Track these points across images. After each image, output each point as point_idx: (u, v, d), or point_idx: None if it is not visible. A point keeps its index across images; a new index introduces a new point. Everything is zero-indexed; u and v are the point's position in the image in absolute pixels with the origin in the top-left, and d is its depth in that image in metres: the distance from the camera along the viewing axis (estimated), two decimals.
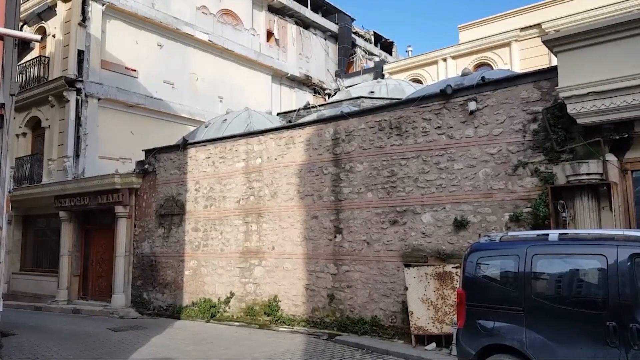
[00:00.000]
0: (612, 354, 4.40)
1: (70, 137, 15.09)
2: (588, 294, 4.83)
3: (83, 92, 15.23)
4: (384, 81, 15.92)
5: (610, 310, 4.49)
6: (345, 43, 24.19)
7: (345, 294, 9.59)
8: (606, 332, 4.44)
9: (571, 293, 4.94)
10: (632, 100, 6.36)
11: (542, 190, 7.46)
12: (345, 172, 9.87)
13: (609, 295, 4.53)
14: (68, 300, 14.39)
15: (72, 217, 14.74)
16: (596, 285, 4.74)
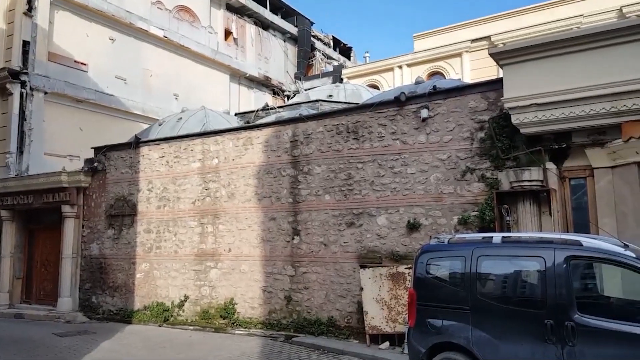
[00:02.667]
0: (549, 350, 4.75)
1: (14, 132, 14.36)
2: (528, 294, 5.19)
3: (28, 85, 14.54)
4: (342, 85, 16.19)
5: (548, 309, 4.84)
6: (305, 46, 24.37)
7: (303, 295, 9.71)
8: (544, 329, 4.78)
9: (513, 293, 5.29)
10: (570, 112, 6.86)
11: (488, 195, 7.88)
12: (304, 175, 9.99)
13: (547, 295, 4.89)
14: (9, 304, 13.68)
15: (15, 216, 14.04)
16: (535, 285, 5.09)
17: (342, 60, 26.53)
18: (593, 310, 4.84)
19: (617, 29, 6.78)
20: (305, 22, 24.95)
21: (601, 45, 6.75)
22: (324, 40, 26.38)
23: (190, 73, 19.48)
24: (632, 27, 6.61)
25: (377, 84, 19.90)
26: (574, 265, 4.95)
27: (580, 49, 6.87)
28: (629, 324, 4.59)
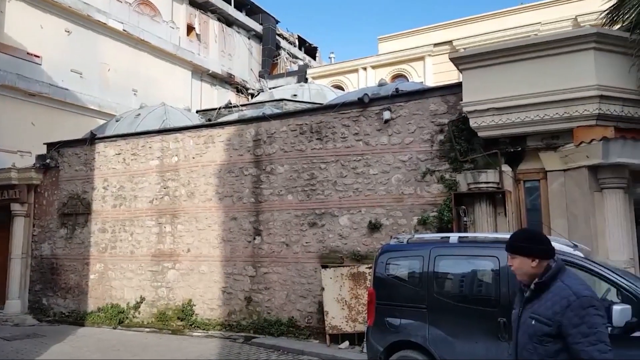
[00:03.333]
0: (502, 348, 4.86)
1: None
2: (483, 293, 5.31)
3: None
4: (306, 85, 16.17)
5: (501, 307, 4.96)
6: (270, 44, 24.21)
7: (263, 296, 9.63)
8: (497, 327, 4.90)
9: (468, 292, 5.41)
10: (525, 117, 7.09)
11: (447, 196, 8.05)
12: (266, 174, 9.91)
13: (500, 294, 5.02)
14: None
15: None
16: (490, 284, 5.22)
17: (307, 59, 26.53)
18: None
19: (568, 37, 7.06)
20: (271, 20, 24.79)
21: (555, 53, 7.00)
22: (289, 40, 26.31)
23: (150, 68, 18.97)
24: (583, 37, 6.89)
25: (342, 84, 20.02)
26: None
27: (535, 56, 7.11)
28: None
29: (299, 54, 26.49)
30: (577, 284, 2.70)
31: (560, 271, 2.75)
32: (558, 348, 2.64)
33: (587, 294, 2.64)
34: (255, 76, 23.65)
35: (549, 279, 2.73)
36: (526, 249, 2.78)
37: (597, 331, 2.55)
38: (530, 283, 2.80)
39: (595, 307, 2.60)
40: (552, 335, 2.65)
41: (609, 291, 4.89)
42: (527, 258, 2.77)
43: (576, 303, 2.60)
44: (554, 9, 16.95)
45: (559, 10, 16.76)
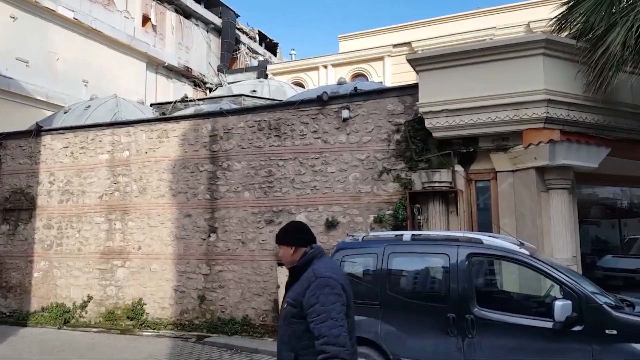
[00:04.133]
0: (451, 342, 5.01)
1: None
2: (433, 289, 5.45)
3: None
4: (266, 81, 16.03)
5: (451, 303, 5.10)
6: (229, 38, 23.80)
7: (217, 294, 9.48)
8: (447, 323, 5.03)
9: (419, 288, 5.53)
10: (477, 119, 7.30)
11: (402, 195, 8.17)
12: (223, 170, 9.75)
13: (450, 290, 5.15)
14: None
15: None
16: (440, 281, 5.36)
17: (267, 55, 26.29)
18: (491, 304, 5.18)
19: (519, 43, 7.32)
20: (230, 13, 24.38)
21: (506, 57, 7.22)
22: (250, 34, 25.98)
23: (102, 59, 18.23)
24: (533, 42, 7.16)
25: (302, 82, 19.97)
26: (475, 261, 5.27)
27: (487, 59, 7.32)
28: (523, 316, 4.96)
29: (259, 50, 26.22)
30: (323, 267, 2.91)
31: (315, 257, 2.99)
32: (304, 328, 2.79)
33: (326, 275, 2.82)
34: (214, 70, 23.21)
35: (302, 264, 2.97)
36: (285, 239, 3.09)
37: (328, 308, 2.70)
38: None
39: (331, 286, 2.77)
40: (298, 316, 2.82)
41: (552, 287, 5.11)
42: (288, 247, 3.06)
43: (314, 284, 2.79)
44: (508, 15, 17.57)
45: (512, 15, 17.38)
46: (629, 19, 6.22)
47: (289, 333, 2.86)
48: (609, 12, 6.75)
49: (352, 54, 19.30)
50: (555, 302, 4.58)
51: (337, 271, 3.02)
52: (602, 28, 6.69)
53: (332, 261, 3.14)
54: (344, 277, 3.05)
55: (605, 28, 6.64)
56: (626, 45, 6.26)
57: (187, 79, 22.15)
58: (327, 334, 2.64)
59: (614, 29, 6.45)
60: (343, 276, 3.03)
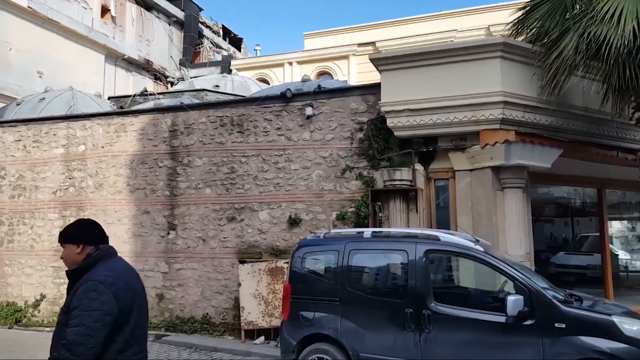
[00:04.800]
0: (408, 337, 5.10)
1: None
2: (392, 285, 5.54)
3: None
4: (230, 76, 15.82)
5: (408, 299, 5.20)
6: (192, 32, 23.31)
7: (176, 292, 9.31)
8: (405, 318, 5.12)
9: (379, 284, 5.61)
10: (437, 119, 7.45)
11: (364, 193, 8.26)
12: (183, 167, 9.56)
13: (408, 286, 5.25)
14: None
15: None
16: (399, 277, 5.46)
17: (232, 50, 25.93)
18: (448, 299, 5.31)
19: (478, 45, 7.52)
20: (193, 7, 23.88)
21: (465, 59, 7.39)
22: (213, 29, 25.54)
23: (59, 50, 17.49)
24: (491, 46, 7.37)
25: (267, 78, 19.82)
26: (432, 258, 5.39)
27: (447, 61, 7.48)
28: (477, 311, 5.11)
29: (223, 44, 25.83)
30: (102, 271, 2.61)
31: (101, 260, 2.68)
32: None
33: (97, 279, 2.55)
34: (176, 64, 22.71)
35: (84, 266, 2.67)
36: (71, 236, 2.76)
37: (84, 314, 2.45)
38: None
39: (98, 291, 2.50)
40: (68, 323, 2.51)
41: (505, 283, 5.28)
42: (74, 245, 2.73)
43: (82, 287, 2.54)
44: (469, 17, 17.99)
45: (474, 19, 17.81)
46: (581, 25, 6.47)
47: (62, 339, 2.51)
48: (563, 18, 7.01)
49: (318, 52, 19.32)
50: (508, 297, 4.74)
51: (120, 276, 2.64)
52: (556, 33, 6.94)
53: (121, 265, 2.77)
54: (128, 283, 2.66)
55: (559, 33, 6.89)
56: (578, 50, 6.51)
57: (147, 72, 21.57)
58: (70, 339, 2.40)
59: (567, 34, 6.70)
60: (125, 282, 2.64)
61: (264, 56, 21.06)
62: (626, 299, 8.30)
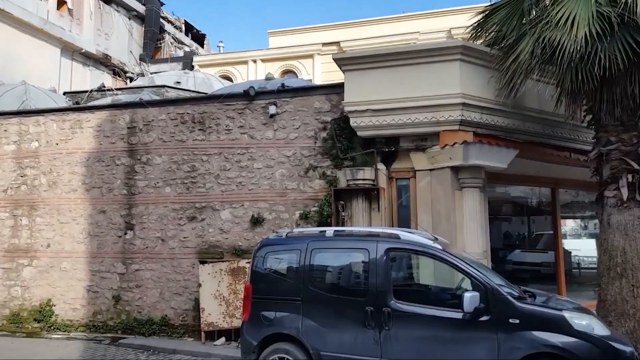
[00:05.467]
0: (369, 335, 5.14)
1: None
2: (353, 284, 5.57)
3: None
4: (192, 73, 15.54)
5: (369, 296, 5.23)
6: (153, 26, 22.71)
7: (134, 294, 9.07)
8: (365, 316, 5.15)
9: (340, 283, 5.63)
10: (399, 119, 7.56)
11: (327, 192, 8.27)
12: (142, 165, 9.32)
13: (369, 284, 5.29)
14: None
15: None
16: (360, 275, 5.49)
17: (194, 46, 25.44)
18: (407, 297, 5.38)
19: (438, 48, 7.67)
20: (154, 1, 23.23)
21: (426, 61, 7.53)
22: (175, 24, 24.98)
23: (11, 43, 16.65)
24: (450, 48, 7.54)
25: (230, 75, 19.58)
26: (393, 256, 5.45)
27: (409, 62, 7.60)
28: (436, 308, 5.20)
29: (186, 40, 25.31)
30: None
31: None
32: None
33: None
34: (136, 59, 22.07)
35: None
36: None
37: None
38: None
39: None
40: None
41: (463, 280, 5.40)
42: None
43: None
44: (432, 20, 18.35)
45: (436, 21, 18.18)
46: (537, 30, 6.67)
47: None
48: (520, 23, 7.22)
49: (282, 50, 19.24)
50: (465, 294, 4.85)
51: None
52: (513, 37, 7.15)
53: None
54: None
55: (516, 37, 7.09)
56: (534, 55, 6.71)
57: (106, 67, 20.87)
58: None
59: (523, 38, 6.90)
60: None
61: (228, 53, 20.80)
62: (578, 295, 8.66)
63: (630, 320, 6.55)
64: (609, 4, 6.16)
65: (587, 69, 6.29)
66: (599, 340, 4.70)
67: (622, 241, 6.77)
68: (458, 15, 16.82)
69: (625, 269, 6.68)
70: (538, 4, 6.98)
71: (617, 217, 6.86)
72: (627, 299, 6.61)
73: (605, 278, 6.85)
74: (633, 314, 6.56)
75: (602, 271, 6.95)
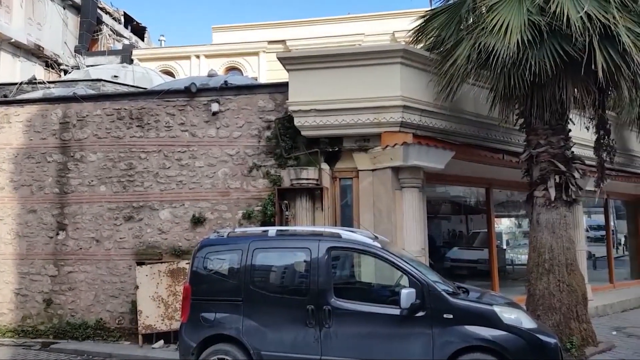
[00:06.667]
0: (309, 333, 5.16)
1: None
2: (295, 283, 5.58)
3: None
4: (130, 67, 14.94)
5: (311, 295, 5.25)
6: (89, 17, 21.60)
7: (67, 297, 8.63)
8: (306, 314, 5.17)
9: (282, 282, 5.63)
10: (342, 120, 7.65)
11: (271, 191, 8.23)
12: (75, 162, 8.87)
13: (310, 283, 5.30)
14: None
15: None
16: (302, 274, 5.49)
17: (134, 40, 24.44)
18: (348, 295, 5.45)
19: (380, 51, 7.85)
20: None
21: (369, 63, 7.68)
22: (114, 15, 23.91)
23: None
24: (392, 52, 7.73)
25: (172, 70, 19.03)
26: (334, 255, 5.50)
27: (352, 64, 7.72)
28: (375, 305, 5.31)
29: (125, 33, 24.27)
30: None
31: None
32: None
33: None
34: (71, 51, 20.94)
35: None
36: None
37: None
38: None
39: None
40: None
41: (401, 277, 5.54)
42: None
43: None
44: (376, 22, 18.70)
45: (380, 23, 18.54)
46: (473, 36, 6.95)
47: None
48: (458, 29, 7.50)
49: (227, 47, 18.94)
50: (402, 290, 4.98)
51: None
52: (451, 42, 7.41)
53: None
54: None
55: (454, 43, 7.36)
56: (470, 59, 6.99)
57: (38, 58, 19.63)
58: None
59: (461, 44, 7.17)
60: None
61: (170, 47, 20.23)
62: (511, 291, 9.12)
63: (557, 314, 7.00)
64: (539, 13, 6.49)
65: (519, 75, 6.61)
66: (526, 333, 4.96)
67: (549, 239, 7.21)
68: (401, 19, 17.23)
69: (553, 265, 7.12)
70: (475, 11, 7.25)
71: (545, 216, 7.30)
72: (554, 293, 7.05)
73: (534, 274, 7.27)
74: (559, 308, 7.01)
75: (531, 267, 7.37)
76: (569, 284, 7.07)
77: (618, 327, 9.01)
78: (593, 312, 8.96)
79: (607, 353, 7.17)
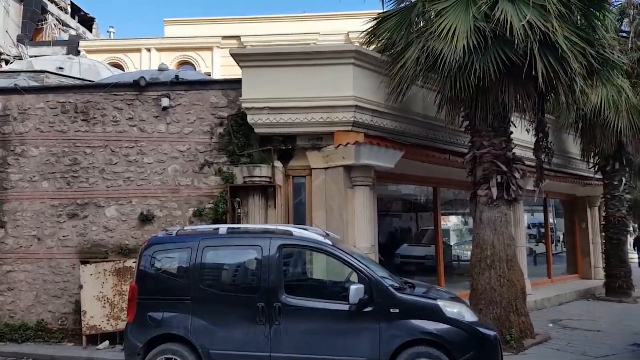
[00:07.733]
0: (259, 331, 5.17)
1: None
2: (246, 280, 5.57)
3: None
4: (77, 59, 14.33)
5: (261, 292, 5.26)
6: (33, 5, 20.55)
7: (5, 298, 8.23)
8: (257, 312, 5.18)
9: (232, 280, 5.61)
10: (295, 118, 7.70)
11: (223, 189, 8.16)
12: (16, 156, 8.46)
13: (261, 280, 5.32)
14: None
15: None
16: (253, 272, 5.50)
17: (81, 30, 23.46)
18: (299, 292, 5.50)
19: (333, 51, 7.96)
20: None
21: (322, 63, 7.76)
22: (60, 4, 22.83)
23: None
24: (344, 52, 7.85)
25: (121, 63, 18.41)
26: (286, 252, 5.54)
27: (306, 63, 7.78)
28: (325, 301, 5.39)
29: (72, 23, 23.24)
30: None
31: None
32: None
33: None
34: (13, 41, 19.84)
35: None
36: None
37: None
38: None
39: None
40: None
41: (351, 273, 5.65)
42: None
43: None
44: (331, 22, 18.85)
45: (335, 23, 18.71)
46: (422, 40, 7.15)
47: None
48: (408, 32, 7.71)
49: (179, 40, 18.54)
50: (351, 286, 5.09)
51: None
52: (401, 45, 7.61)
53: None
54: None
55: (404, 45, 7.56)
56: (419, 62, 7.19)
57: None
58: None
59: (410, 46, 7.37)
60: None
61: (119, 39, 19.58)
62: (456, 286, 9.47)
63: (498, 307, 7.35)
64: (484, 19, 6.76)
65: (465, 78, 6.86)
66: (467, 326, 5.19)
67: (491, 235, 7.56)
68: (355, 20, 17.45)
69: (494, 260, 7.47)
70: (424, 15, 7.48)
71: (487, 214, 7.64)
72: (495, 288, 7.39)
73: (477, 269, 7.60)
74: (500, 302, 7.36)
75: (474, 263, 7.70)
76: (509, 279, 7.43)
77: (554, 319, 9.56)
78: (532, 306, 9.47)
79: (543, 344, 7.59)
